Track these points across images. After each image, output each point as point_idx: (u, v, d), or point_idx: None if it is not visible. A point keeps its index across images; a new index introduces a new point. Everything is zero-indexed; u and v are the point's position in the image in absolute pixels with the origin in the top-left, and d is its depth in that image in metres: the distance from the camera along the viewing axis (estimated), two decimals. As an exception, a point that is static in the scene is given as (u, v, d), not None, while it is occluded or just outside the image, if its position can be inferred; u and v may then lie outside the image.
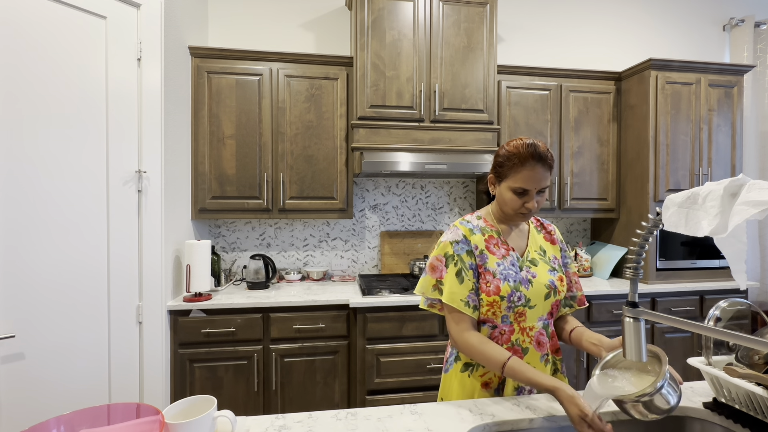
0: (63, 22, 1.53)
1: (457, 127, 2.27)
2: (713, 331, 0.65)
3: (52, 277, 1.51)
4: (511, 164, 1.00)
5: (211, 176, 2.20)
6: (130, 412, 0.76)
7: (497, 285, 1.01)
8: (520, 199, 1.01)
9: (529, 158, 0.98)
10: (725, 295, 2.39)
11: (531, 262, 1.07)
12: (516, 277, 1.03)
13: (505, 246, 1.07)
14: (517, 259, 1.07)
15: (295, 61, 2.26)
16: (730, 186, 0.64)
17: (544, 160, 0.98)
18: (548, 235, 1.16)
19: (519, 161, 0.98)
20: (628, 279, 0.82)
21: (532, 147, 0.98)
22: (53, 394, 1.51)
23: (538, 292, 1.04)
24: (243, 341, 1.98)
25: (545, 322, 1.06)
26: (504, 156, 1.02)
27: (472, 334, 1.00)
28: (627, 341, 0.80)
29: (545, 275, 1.06)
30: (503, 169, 1.02)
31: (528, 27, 2.84)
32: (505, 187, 1.03)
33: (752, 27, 2.95)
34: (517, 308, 1.02)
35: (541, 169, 0.98)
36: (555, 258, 1.12)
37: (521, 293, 1.02)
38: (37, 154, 1.47)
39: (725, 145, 2.49)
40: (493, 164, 1.07)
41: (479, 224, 1.10)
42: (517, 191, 1.00)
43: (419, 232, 2.68)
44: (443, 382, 1.12)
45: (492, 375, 1.04)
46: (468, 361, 1.07)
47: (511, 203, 1.02)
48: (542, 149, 0.98)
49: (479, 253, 1.05)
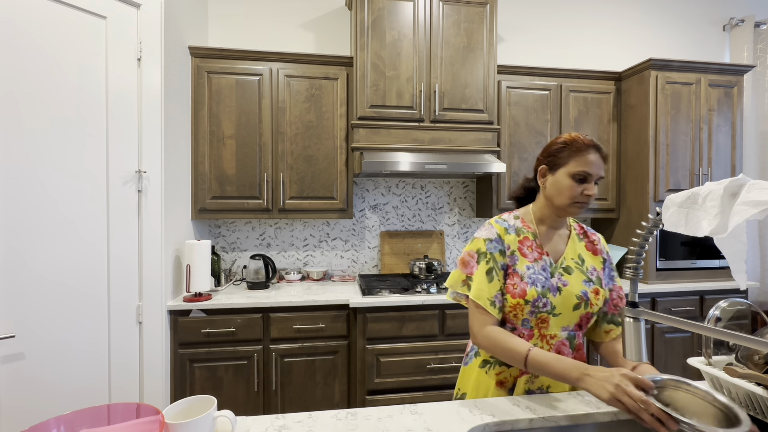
0: (63, 22, 1.53)
1: (457, 127, 2.27)
2: (713, 331, 0.65)
3: (52, 277, 1.51)
4: (572, 150, 0.99)
5: (211, 176, 2.20)
6: (130, 412, 0.76)
7: (523, 288, 0.99)
8: (579, 185, 0.98)
9: (591, 144, 0.99)
10: (725, 295, 2.39)
11: (565, 269, 1.04)
12: (545, 282, 1.00)
13: (539, 249, 1.04)
14: (550, 265, 1.03)
15: (295, 61, 2.26)
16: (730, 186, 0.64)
17: (601, 149, 1.00)
18: (590, 244, 1.11)
19: (578, 148, 0.98)
20: (628, 279, 0.81)
21: (589, 137, 1.00)
22: (53, 394, 1.51)
23: (567, 302, 1.00)
24: (243, 341, 1.98)
25: (571, 333, 1.02)
26: (560, 144, 1.01)
27: (493, 328, 0.99)
28: (627, 341, 0.80)
29: (578, 285, 1.02)
30: (561, 156, 1.01)
31: (528, 27, 2.84)
32: (563, 173, 1.00)
33: (752, 27, 2.95)
34: (541, 314, 0.99)
35: (599, 157, 0.99)
36: (594, 269, 1.07)
37: (548, 300, 0.99)
38: (37, 154, 1.46)
39: (725, 145, 2.49)
40: (544, 155, 1.05)
41: (515, 224, 1.07)
42: (578, 176, 0.98)
43: (419, 232, 2.68)
44: (462, 375, 1.13)
45: (507, 375, 1.03)
46: (486, 358, 1.06)
47: (570, 190, 0.99)
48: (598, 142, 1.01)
49: (510, 253, 1.03)
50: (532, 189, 1.15)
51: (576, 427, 0.89)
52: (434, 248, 2.68)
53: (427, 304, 2.04)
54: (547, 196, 1.04)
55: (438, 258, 2.66)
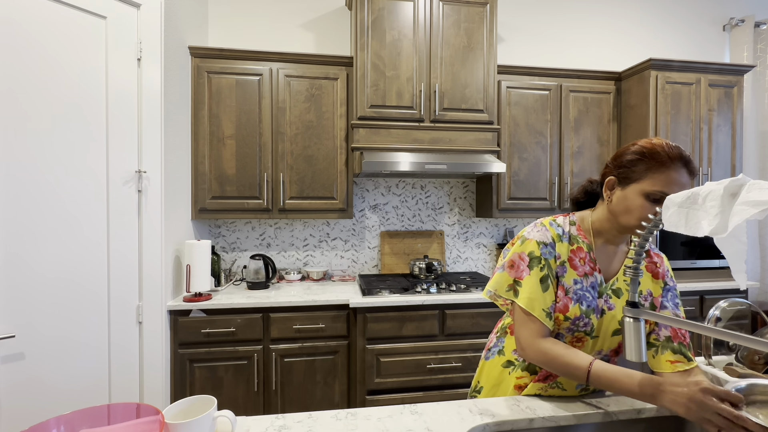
0: (63, 21, 1.53)
1: (457, 127, 2.27)
2: (713, 331, 0.65)
3: (52, 277, 1.51)
4: (651, 164, 0.83)
5: (211, 176, 2.20)
6: (130, 412, 0.76)
7: (566, 303, 0.91)
8: (653, 207, 0.83)
9: (678, 158, 0.82)
10: (725, 295, 2.39)
11: (614, 291, 0.94)
12: (591, 302, 0.91)
13: (591, 264, 0.94)
14: (600, 284, 0.93)
15: (295, 61, 2.26)
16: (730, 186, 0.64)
17: (690, 165, 0.82)
18: (652, 265, 0.98)
19: (661, 162, 0.82)
20: (628, 279, 0.81)
21: (678, 148, 0.82)
22: (53, 394, 1.50)
23: (608, 326, 0.92)
24: (243, 341, 1.98)
25: (605, 357, 0.96)
26: (639, 153, 0.85)
27: (548, 340, 0.89)
28: (627, 341, 0.80)
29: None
30: (636, 168, 0.85)
31: (528, 27, 2.84)
32: (635, 190, 0.85)
33: (752, 27, 2.95)
34: (578, 333, 0.92)
35: (687, 176, 0.82)
36: (650, 294, 0.95)
37: (589, 320, 0.91)
38: (37, 153, 1.46)
39: (725, 145, 2.49)
40: (614, 164, 0.90)
41: (570, 231, 0.96)
42: (654, 196, 0.82)
43: (419, 232, 2.68)
44: (482, 368, 1.11)
45: (528, 380, 0.99)
46: (511, 359, 1.03)
47: (640, 212, 0.84)
48: (687, 153, 0.83)
49: (560, 263, 0.93)
50: (594, 194, 1.02)
51: (576, 427, 0.89)
52: (434, 248, 2.68)
53: (427, 304, 2.04)
54: (612, 210, 0.91)
55: (438, 258, 2.66)
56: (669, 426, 0.94)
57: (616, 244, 0.96)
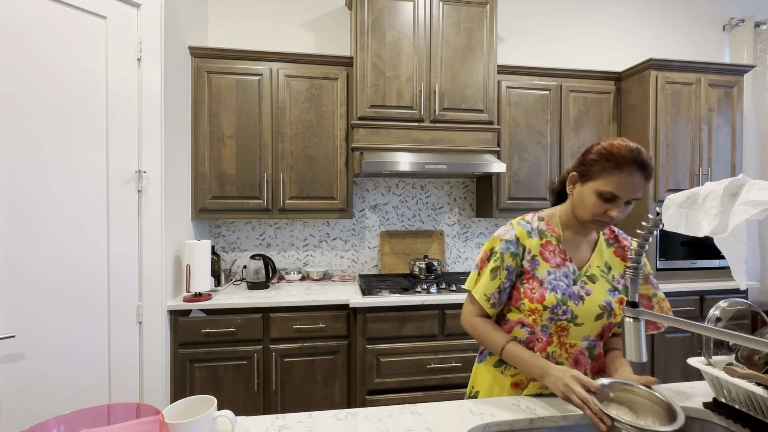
0: (63, 22, 1.53)
1: (457, 127, 2.27)
2: (713, 331, 0.65)
3: (52, 277, 1.51)
4: (606, 165, 0.88)
5: (211, 176, 2.20)
6: (130, 412, 0.76)
7: (542, 294, 0.96)
8: (604, 205, 0.90)
9: (631, 162, 0.86)
10: (725, 295, 2.39)
11: (589, 278, 0.99)
12: (566, 290, 0.96)
13: (561, 255, 1.00)
14: (573, 272, 0.99)
15: (295, 61, 2.26)
16: (730, 186, 0.64)
17: (645, 168, 0.87)
18: (620, 249, 1.05)
19: (617, 163, 0.87)
20: (628, 279, 0.81)
21: (637, 151, 0.86)
22: (53, 394, 1.51)
23: (589, 312, 0.96)
24: (243, 341, 1.98)
25: (592, 343, 0.99)
26: (598, 153, 0.90)
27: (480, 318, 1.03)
28: (627, 341, 0.80)
29: (602, 295, 0.97)
30: (594, 168, 0.90)
31: (528, 27, 2.84)
32: (590, 188, 0.91)
33: (752, 27, 2.95)
34: (560, 322, 0.96)
35: (639, 177, 0.87)
36: (622, 277, 1.02)
37: (568, 308, 0.95)
38: (37, 154, 1.46)
39: (725, 145, 2.49)
40: (579, 161, 0.96)
41: (539, 226, 1.02)
42: (605, 196, 0.89)
43: (419, 232, 2.68)
44: (476, 373, 1.12)
45: (523, 376, 1.02)
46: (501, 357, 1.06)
47: (592, 208, 0.91)
48: (646, 156, 0.87)
49: (531, 258, 0.99)
50: None
51: (576, 427, 0.90)
52: (434, 248, 2.68)
53: (427, 304, 2.04)
54: (572, 204, 0.98)
55: (438, 258, 2.66)
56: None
57: (585, 235, 1.03)
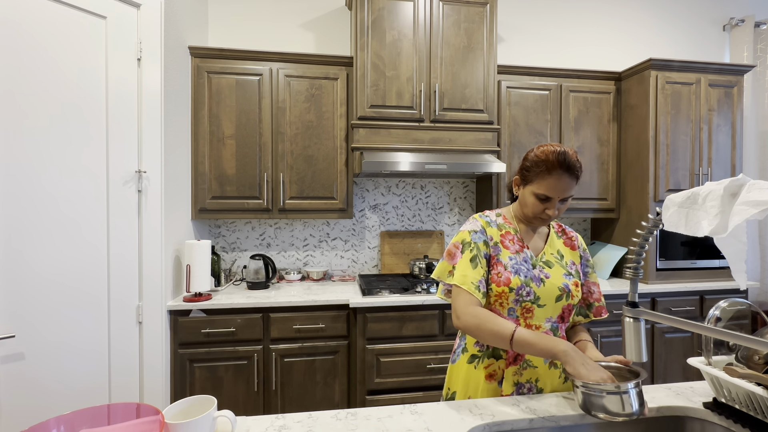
0: (63, 22, 1.53)
1: (457, 127, 2.27)
2: (713, 331, 0.65)
3: (52, 277, 1.51)
4: (538, 170, 1.00)
5: (211, 176, 2.20)
6: (130, 412, 0.76)
7: (508, 277, 1.02)
8: (541, 204, 1.02)
9: (557, 167, 0.98)
10: (725, 295, 2.39)
11: (545, 263, 1.08)
12: (528, 273, 1.04)
13: (520, 243, 1.08)
14: (531, 257, 1.07)
15: (295, 61, 2.26)
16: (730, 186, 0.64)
17: (572, 170, 0.98)
18: (569, 240, 1.16)
19: (546, 168, 0.99)
20: (628, 279, 0.81)
21: (562, 155, 0.98)
22: (53, 394, 1.51)
23: (550, 293, 1.03)
24: (243, 341, 1.98)
25: (554, 324, 1.05)
26: (532, 161, 1.02)
27: (478, 307, 1.00)
28: (627, 341, 0.80)
29: (559, 278, 1.06)
30: (530, 173, 1.03)
31: (528, 27, 2.84)
32: (528, 191, 1.04)
33: (752, 27, 2.95)
34: (525, 303, 1.02)
35: (568, 178, 0.98)
36: (573, 263, 1.12)
37: (531, 289, 1.02)
38: (37, 154, 1.46)
39: (725, 145, 2.49)
40: (520, 166, 1.08)
41: (497, 220, 1.12)
42: (540, 197, 1.01)
43: (419, 232, 2.68)
44: (450, 373, 1.14)
45: (496, 367, 1.05)
46: (474, 352, 1.08)
47: (533, 207, 1.03)
48: (572, 158, 0.98)
49: (494, 244, 1.06)
50: None
51: (576, 427, 0.90)
52: (434, 248, 2.68)
53: (427, 304, 2.04)
54: (519, 204, 1.10)
55: (438, 258, 2.66)
56: (669, 426, 0.94)
57: (535, 229, 1.13)
